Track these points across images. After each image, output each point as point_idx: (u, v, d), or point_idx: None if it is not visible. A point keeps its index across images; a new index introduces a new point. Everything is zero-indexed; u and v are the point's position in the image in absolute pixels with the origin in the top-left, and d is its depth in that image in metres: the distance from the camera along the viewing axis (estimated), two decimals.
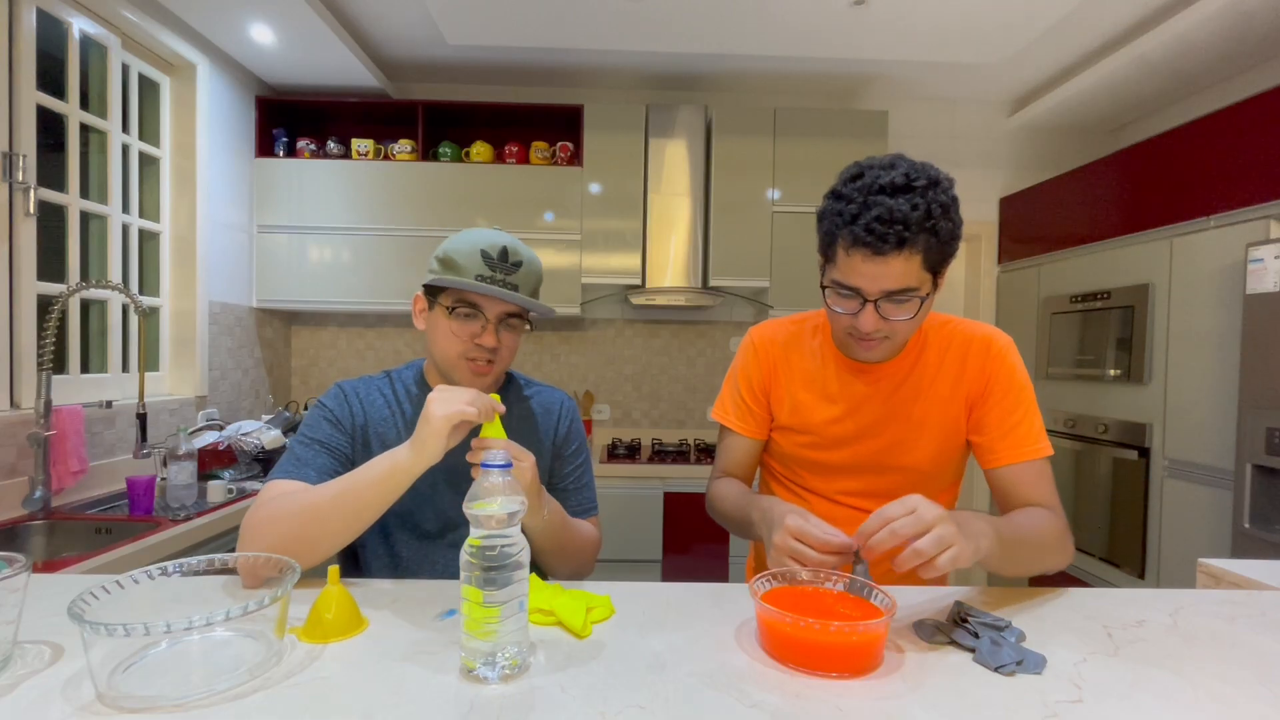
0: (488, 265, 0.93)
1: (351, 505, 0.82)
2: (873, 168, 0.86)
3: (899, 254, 0.82)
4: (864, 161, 0.89)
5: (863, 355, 0.96)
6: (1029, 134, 3.31)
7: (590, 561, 1.07)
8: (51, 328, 1.65)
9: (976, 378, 0.99)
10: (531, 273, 0.98)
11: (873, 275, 0.85)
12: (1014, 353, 1.00)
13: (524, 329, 1.02)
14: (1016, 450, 0.96)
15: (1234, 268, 2.03)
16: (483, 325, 0.95)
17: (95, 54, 2.07)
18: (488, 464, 0.64)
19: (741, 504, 1.00)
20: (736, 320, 3.25)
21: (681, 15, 2.44)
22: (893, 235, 0.81)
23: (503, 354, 0.98)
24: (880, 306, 0.87)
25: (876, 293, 0.86)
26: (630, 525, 2.61)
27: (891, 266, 0.83)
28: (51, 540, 1.65)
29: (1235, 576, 0.98)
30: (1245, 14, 2.23)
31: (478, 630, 0.60)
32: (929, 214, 0.82)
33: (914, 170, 0.84)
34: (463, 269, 0.93)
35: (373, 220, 2.80)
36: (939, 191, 0.83)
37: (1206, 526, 2.13)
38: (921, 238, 0.82)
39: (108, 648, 0.58)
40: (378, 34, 2.70)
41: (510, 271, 0.94)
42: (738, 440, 1.11)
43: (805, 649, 0.64)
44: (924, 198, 0.82)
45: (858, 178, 0.86)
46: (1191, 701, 0.59)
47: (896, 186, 0.83)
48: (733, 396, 1.11)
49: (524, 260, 0.96)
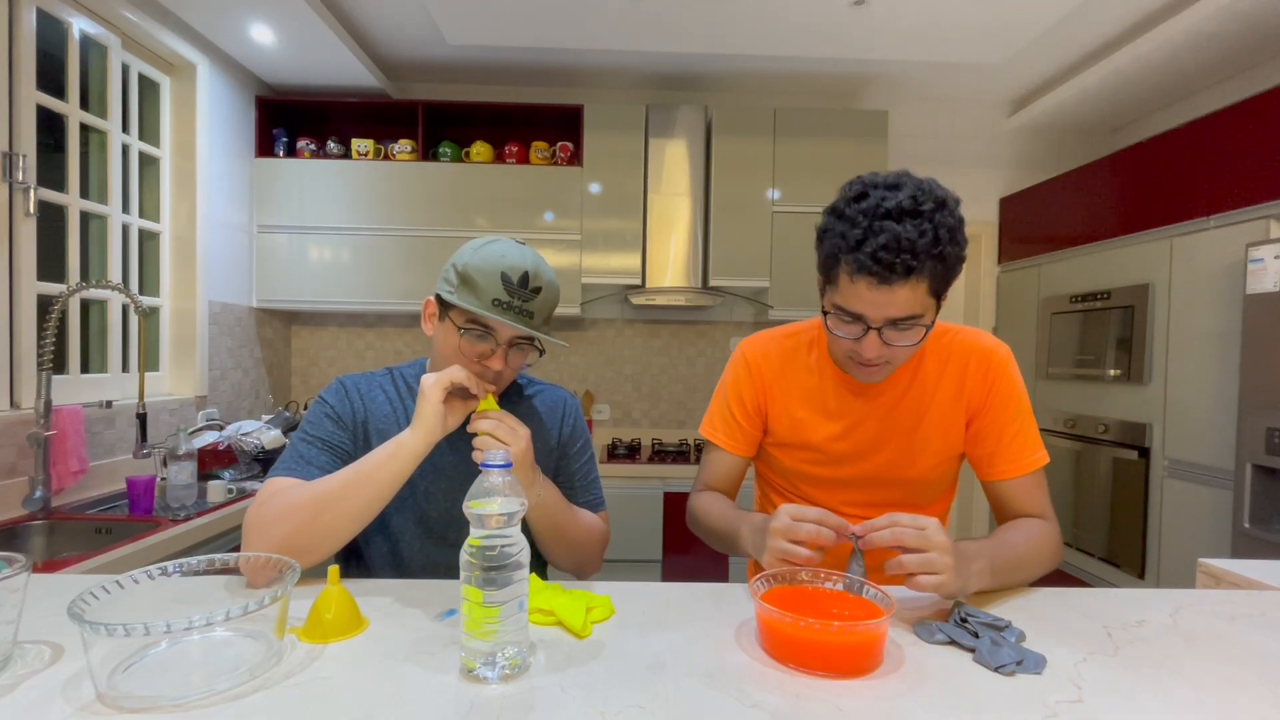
0: (506, 290, 0.89)
1: (360, 490, 0.84)
2: (877, 188, 0.83)
3: (905, 282, 0.79)
4: (867, 179, 0.85)
5: (862, 378, 0.95)
6: (1029, 134, 3.31)
7: (596, 555, 1.07)
8: (51, 328, 1.65)
9: (976, 391, 0.98)
10: (549, 298, 0.94)
11: (878, 303, 0.82)
12: (1013, 365, 0.99)
13: (532, 349, 0.98)
14: (1014, 464, 0.96)
15: (1234, 268, 2.03)
16: (492, 348, 0.93)
17: (95, 54, 2.07)
18: (488, 464, 0.64)
19: (729, 518, 0.98)
20: (736, 320, 3.25)
21: (681, 15, 2.44)
22: (900, 265, 0.78)
23: (507, 375, 0.97)
24: (884, 333, 0.85)
25: (881, 320, 0.83)
26: (630, 525, 2.61)
27: (897, 295, 0.81)
28: (51, 540, 1.65)
29: (1235, 576, 0.98)
30: (1245, 14, 2.23)
31: (478, 630, 0.60)
32: (936, 239, 0.79)
33: (920, 192, 0.81)
34: (481, 290, 0.89)
35: (372, 220, 2.80)
36: (946, 214, 0.80)
37: (1206, 526, 2.13)
38: (929, 265, 0.79)
39: (108, 648, 0.58)
40: (378, 34, 2.70)
41: (529, 299, 0.90)
42: (723, 456, 1.08)
43: (805, 649, 0.64)
44: (931, 222, 0.79)
45: (862, 198, 0.83)
46: (1191, 701, 0.59)
47: (904, 210, 0.79)
48: (722, 413, 1.08)
49: (544, 286, 0.92)
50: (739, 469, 1.10)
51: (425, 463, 0.91)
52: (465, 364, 0.93)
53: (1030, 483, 0.96)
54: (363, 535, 1.02)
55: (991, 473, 0.98)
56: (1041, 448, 0.97)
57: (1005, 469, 0.96)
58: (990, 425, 0.97)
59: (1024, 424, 0.96)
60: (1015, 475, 0.96)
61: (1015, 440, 0.96)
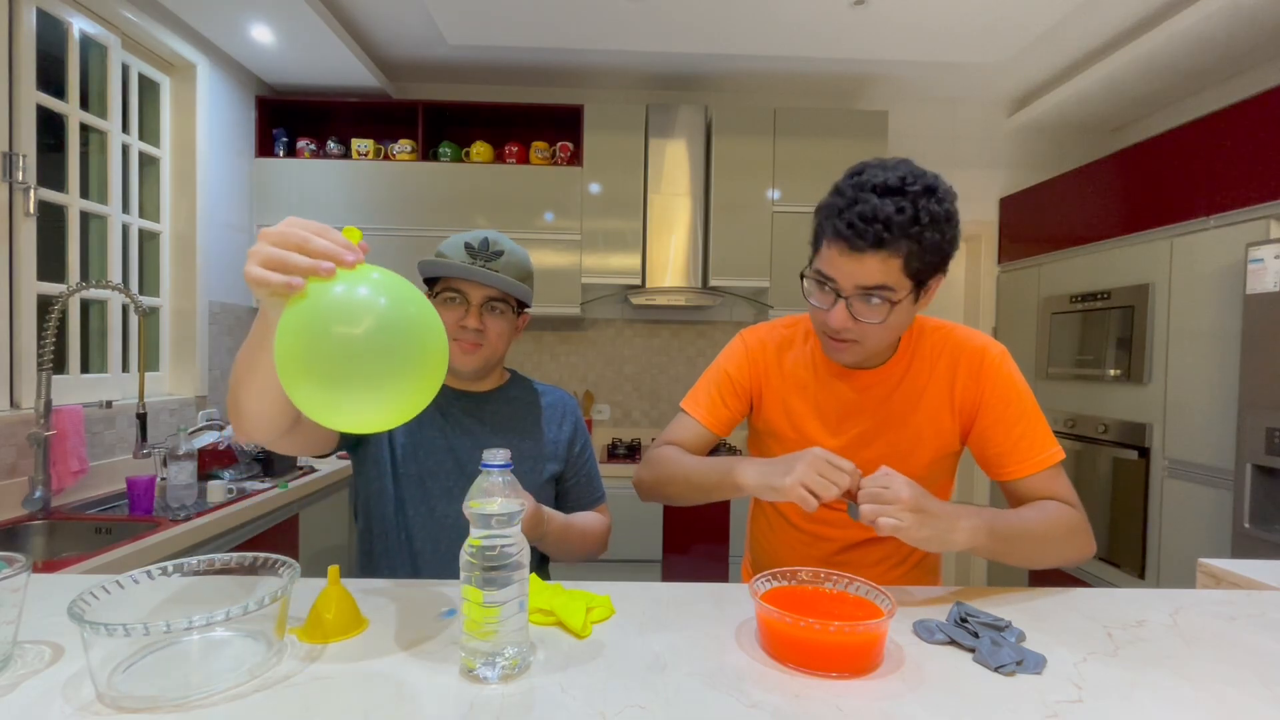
0: (469, 254, 1.01)
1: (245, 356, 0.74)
2: (873, 166, 0.86)
3: (875, 254, 0.82)
4: (871, 160, 0.88)
5: (835, 356, 0.96)
6: (1029, 134, 3.31)
7: (601, 548, 1.13)
8: (51, 328, 1.65)
9: (968, 391, 0.97)
10: (513, 263, 1.04)
11: (847, 270, 0.84)
12: (1008, 363, 0.98)
13: (511, 315, 1.07)
14: (1023, 463, 0.94)
15: (1234, 268, 2.03)
16: (466, 309, 1.01)
17: (95, 54, 2.07)
18: (488, 464, 0.65)
19: (714, 460, 0.96)
20: (736, 320, 3.25)
21: (681, 15, 2.44)
22: (870, 233, 0.81)
23: (490, 337, 1.04)
24: (852, 305, 0.86)
25: (850, 289, 0.85)
26: (630, 525, 2.61)
27: (866, 264, 0.83)
28: (51, 540, 1.65)
29: (1235, 576, 0.98)
30: (1245, 14, 2.23)
31: (478, 630, 0.60)
32: (915, 220, 0.80)
33: (912, 175, 0.83)
34: (448, 260, 1.01)
35: (373, 220, 2.80)
36: (932, 200, 0.82)
37: (1206, 526, 2.13)
38: (903, 243, 0.81)
39: (108, 648, 0.58)
40: (378, 34, 2.70)
41: (491, 259, 1.02)
42: (695, 426, 1.07)
43: (806, 649, 0.64)
44: (913, 203, 0.81)
45: (857, 174, 0.86)
46: (1191, 701, 0.59)
47: (888, 187, 0.82)
48: (707, 390, 1.08)
49: (505, 250, 1.04)
50: (706, 443, 1.08)
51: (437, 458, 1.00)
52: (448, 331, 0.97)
53: (1045, 479, 0.94)
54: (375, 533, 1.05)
55: (1001, 473, 0.97)
56: (1053, 444, 0.95)
57: (1015, 469, 0.95)
58: (993, 426, 0.96)
59: (1030, 424, 0.95)
60: (1024, 475, 0.94)
61: (1023, 440, 0.94)
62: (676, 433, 1.08)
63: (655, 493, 1.04)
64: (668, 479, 1.01)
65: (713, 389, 1.07)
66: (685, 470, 0.99)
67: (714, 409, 1.06)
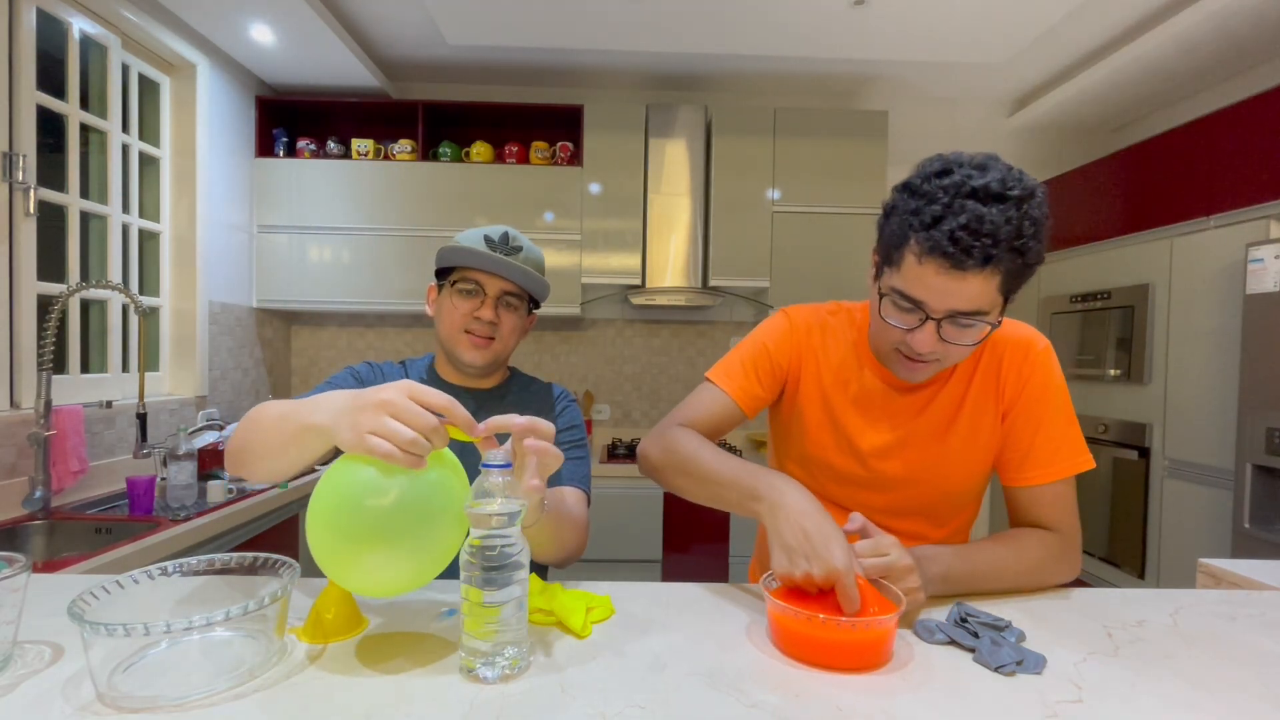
0: (489, 246, 1.01)
1: (277, 430, 0.73)
2: (962, 165, 0.75)
3: (980, 271, 0.71)
4: (950, 156, 0.77)
5: (904, 374, 0.86)
6: (1029, 134, 3.31)
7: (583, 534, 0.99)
8: (51, 328, 1.65)
9: (1010, 384, 0.89)
10: (530, 259, 1.04)
11: (944, 291, 0.73)
12: (1052, 358, 0.89)
13: (524, 312, 1.06)
14: (1045, 468, 0.87)
15: (1234, 268, 2.03)
16: (482, 300, 1.01)
17: (95, 54, 2.07)
18: (488, 464, 0.64)
19: (735, 465, 0.82)
20: (736, 320, 3.25)
21: (681, 15, 2.44)
22: (978, 249, 0.70)
23: (502, 332, 1.03)
24: (943, 327, 0.76)
25: (942, 311, 0.75)
26: (630, 525, 2.61)
27: (968, 284, 0.72)
28: (51, 540, 1.65)
29: (1235, 576, 0.98)
30: (1245, 14, 2.23)
31: (478, 630, 0.60)
32: (1020, 231, 0.71)
33: (1010, 177, 0.73)
34: (466, 251, 1.00)
35: (373, 220, 2.80)
36: (1033, 205, 0.72)
37: (1206, 526, 2.13)
38: (1008, 257, 0.71)
39: (108, 648, 0.58)
40: (378, 34, 2.70)
41: (510, 253, 1.01)
42: (723, 399, 0.95)
43: (819, 645, 0.64)
44: (1018, 210, 0.71)
45: (944, 174, 0.75)
46: (1191, 701, 0.59)
47: (991, 193, 0.71)
48: (741, 362, 0.97)
49: (524, 246, 1.03)
50: (731, 419, 0.96)
51: None
52: (461, 322, 1.00)
53: (1049, 495, 0.87)
54: None
55: (1019, 478, 0.89)
56: (1083, 452, 0.87)
57: (1034, 474, 0.87)
58: (1016, 422, 0.89)
59: (1053, 429, 0.87)
60: (1042, 482, 0.87)
61: (1035, 447, 0.87)
62: (697, 406, 0.96)
63: (660, 477, 0.93)
64: (680, 468, 0.88)
65: (749, 363, 0.96)
66: (703, 464, 0.85)
67: (748, 384, 0.96)
